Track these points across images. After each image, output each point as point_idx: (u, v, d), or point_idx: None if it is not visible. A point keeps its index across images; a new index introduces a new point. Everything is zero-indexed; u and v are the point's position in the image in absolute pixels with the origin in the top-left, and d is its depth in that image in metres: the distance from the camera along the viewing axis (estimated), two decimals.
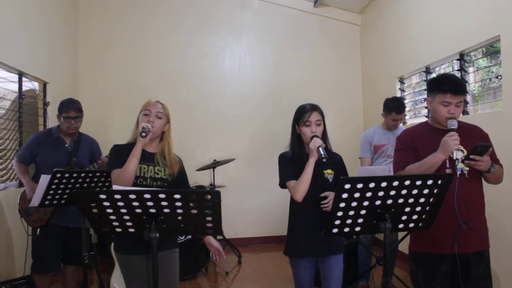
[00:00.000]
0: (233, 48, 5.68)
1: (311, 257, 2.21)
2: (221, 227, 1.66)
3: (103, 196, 1.57)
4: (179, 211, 1.60)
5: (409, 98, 4.75)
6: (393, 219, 1.66)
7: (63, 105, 3.09)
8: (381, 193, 1.60)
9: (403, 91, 4.81)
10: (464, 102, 3.54)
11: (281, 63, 5.72)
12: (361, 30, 5.81)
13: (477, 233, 2.04)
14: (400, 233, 3.50)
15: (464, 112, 3.56)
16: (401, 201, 1.64)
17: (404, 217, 1.70)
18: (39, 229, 2.97)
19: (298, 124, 2.22)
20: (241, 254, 4.81)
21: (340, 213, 1.63)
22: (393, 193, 1.61)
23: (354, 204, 1.61)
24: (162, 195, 1.55)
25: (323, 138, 2.20)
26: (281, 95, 5.57)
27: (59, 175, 2.46)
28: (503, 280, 2.99)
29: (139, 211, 1.60)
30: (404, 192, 1.61)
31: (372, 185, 1.57)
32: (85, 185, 2.58)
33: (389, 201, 1.63)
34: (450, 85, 2.04)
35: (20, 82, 3.91)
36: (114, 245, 2.24)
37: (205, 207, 1.60)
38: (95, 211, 1.61)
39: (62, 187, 2.51)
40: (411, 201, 1.65)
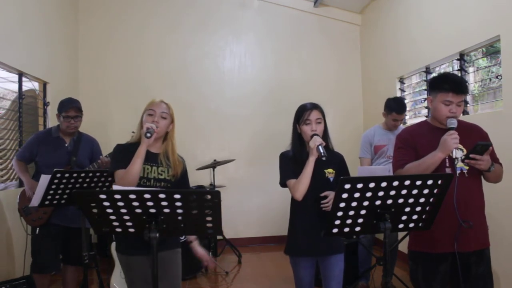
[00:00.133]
0: (233, 48, 5.69)
1: (311, 257, 2.21)
2: (221, 227, 1.66)
3: (103, 196, 1.57)
4: (179, 211, 1.60)
5: (409, 98, 4.75)
6: (393, 219, 1.66)
7: (62, 105, 3.09)
8: (381, 193, 1.60)
9: (403, 91, 4.81)
10: (464, 102, 3.54)
11: (281, 63, 5.72)
12: (361, 30, 5.81)
13: (477, 232, 2.04)
14: (400, 233, 3.50)
15: (464, 112, 3.56)
16: (401, 201, 1.64)
17: (404, 217, 1.70)
18: (38, 229, 2.96)
19: (298, 123, 2.22)
20: (241, 254, 4.81)
21: (340, 213, 1.63)
22: (393, 193, 1.61)
23: (354, 204, 1.61)
24: (162, 195, 1.55)
25: (324, 136, 2.20)
26: (281, 95, 5.57)
27: (59, 175, 2.46)
28: (503, 280, 2.99)
29: (139, 211, 1.60)
30: (404, 192, 1.61)
31: (372, 185, 1.57)
32: (85, 185, 2.58)
33: (389, 201, 1.63)
34: (452, 84, 2.04)
35: (20, 82, 3.91)
36: (115, 246, 2.23)
37: (205, 207, 1.60)
38: (95, 211, 1.61)
39: (62, 187, 2.52)
40: (411, 201, 1.65)
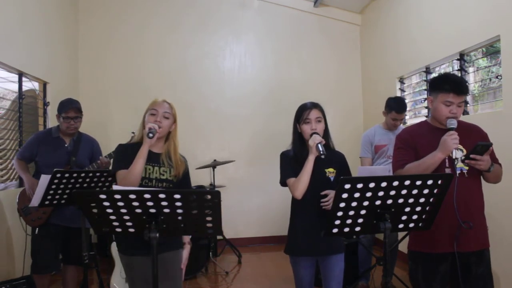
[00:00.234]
0: (233, 48, 5.69)
1: (311, 256, 2.21)
2: (221, 227, 1.66)
3: (103, 196, 1.57)
4: (179, 211, 1.60)
5: (409, 98, 4.75)
6: (393, 219, 1.66)
7: (62, 105, 3.08)
8: (381, 193, 1.60)
9: (403, 91, 4.81)
10: (464, 102, 3.55)
11: (281, 63, 5.72)
12: (361, 30, 5.81)
13: (477, 232, 2.04)
14: (400, 233, 3.50)
15: (464, 112, 3.56)
16: (401, 201, 1.64)
17: (404, 217, 1.70)
18: (38, 229, 2.96)
19: (299, 122, 2.23)
20: (241, 254, 4.81)
21: (340, 213, 1.63)
22: (393, 193, 1.61)
23: (354, 204, 1.61)
24: (162, 195, 1.55)
25: (325, 135, 2.20)
26: (281, 95, 5.57)
27: (59, 175, 2.46)
28: (503, 280, 2.99)
29: (139, 211, 1.60)
30: (404, 192, 1.61)
31: (372, 185, 1.57)
32: (85, 185, 2.58)
33: (389, 201, 1.63)
34: (453, 85, 2.03)
35: (20, 82, 3.91)
36: (117, 246, 2.23)
37: (205, 207, 1.60)
38: (95, 211, 1.61)
39: (62, 187, 2.52)
40: (411, 201, 1.64)
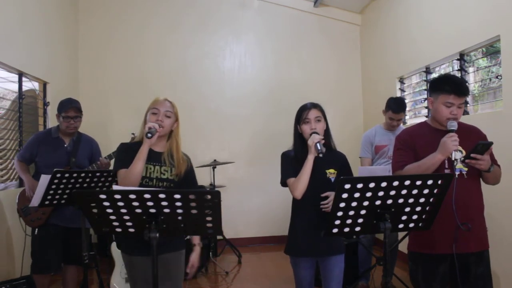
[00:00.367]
0: (233, 48, 5.69)
1: (311, 257, 2.20)
2: (221, 227, 1.66)
3: (103, 196, 1.57)
4: (179, 211, 1.60)
5: (409, 98, 4.75)
6: (393, 219, 1.66)
7: (62, 105, 3.08)
8: (381, 193, 1.60)
9: (403, 91, 4.81)
10: (464, 103, 3.55)
11: (281, 63, 5.72)
12: (361, 30, 5.81)
13: (476, 233, 2.04)
14: (400, 233, 3.50)
15: (464, 112, 3.53)
16: (401, 201, 1.64)
17: (404, 217, 1.70)
18: (37, 229, 2.96)
19: (299, 123, 2.23)
20: (241, 254, 4.81)
21: (340, 213, 1.63)
22: (393, 193, 1.61)
23: (354, 204, 1.61)
24: (162, 195, 1.55)
25: (326, 135, 2.21)
26: (281, 95, 5.57)
27: (59, 175, 2.46)
28: (503, 280, 2.99)
29: (139, 211, 1.60)
30: (404, 192, 1.61)
31: (372, 185, 1.57)
32: (85, 185, 2.58)
33: (389, 201, 1.63)
34: (454, 86, 2.03)
35: (20, 82, 3.91)
36: (120, 245, 2.22)
37: (205, 207, 1.60)
38: (95, 211, 1.61)
39: (62, 187, 2.52)
40: (411, 201, 1.65)
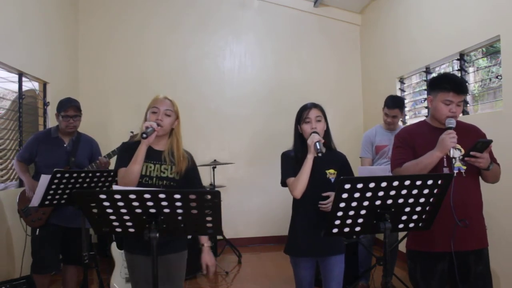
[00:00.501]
0: (233, 48, 5.68)
1: (311, 257, 2.21)
2: (221, 227, 1.66)
3: (103, 196, 1.57)
4: (179, 211, 1.60)
5: (409, 98, 4.75)
6: (393, 219, 1.66)
7: (61, 104, 3.08)
8: (381, 193, 1.60)
9: (403, 91, 4.81)
10: (464, 102, 3.55)
11: (281, 63, 5.72)
12: (361, 30, 5.81)
13: (475, 231, 2.04)
14: (400, 233, 3.50)
15: (464, 112, 3.56)
16: (401, 201, 1.64)
17: (404, 217, 1.70)
18: (38, 229, 2.97)
19: (299, 123, 2.23)
20: (241, 254, 4.81)
21: (340, 213, 1.63)
22: (393, 193, 1.61)
23: (354, 204, 1.61)
24: (162, 195, 1.55)
25: (326, 136, 2.21)
26: (281, 95, 5.57)
27: (59, 175, 2.46)
28: (503, 279, 2.99)
29: (139, 211, 1.60)
30: (404, 192, 1.61)
31: (372, 185, 1.57)
32: (85, 185, 2.58)
33: (389, 201, 1.63)
34: (453, 84, 2.04)
35: (20, 82, 3.91)
36: (122, 244, 2.23)
37: (205, 207, 1.60)
38: (95, 211, 1.61)
39: (62, 187, 2.52)
40: (411, 201, 1.64)
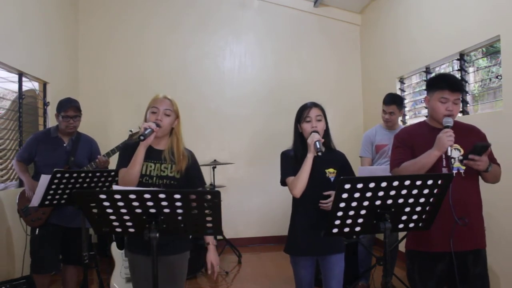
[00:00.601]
0: (233, 48, 5.68)
1: (311, 256, 2.21)
2: (221, 227, 1.66)
3: (103, 196, 1.57)
4: (179, 211, 1.60)
5: (409, 98, 4.75)
6: (393, 219, 1.66)
7: (61, 105, 3.08)
8: (381, 193, 1.60)
9: (403, 91, 4.81)
10: (464, 102, 3.55)
11: (281, 63, 5.72)
12: (361, 30, 5.81)
13: (474, 232, 2.04)
14: (400, 233, 3.50)
15: (464, 112, 3.56)
16: (401, 201, 1.64)
17: (404, 217, 1.70)
18: (38, 229, 2.96)
19: (299, 121, 2.23)
20: (241, 254, 4.81)
21: (340, 213, 1.63)
22: (393, 193, 1.61)
23: (354, 204, 1.61)
24: (162, 195, 1.55)
25: (326, 135, 2.22)
26: (281, 95, 5.57)
27: (59, 175, 2.46)
28: (503, 279, 2.99)
29: (139, 211, 1.60)
30: (404, 192, 1.61)
31: (372, 185, 1.57)
32: (85, 185, 2.58)
33: (389, 201, 1.63)
34: (447, 82, 2.07)
35: (20, 82, 3.91)
36: (123, 244, 2.23)
37: (205, 207, 1.60)
38: (95, 211, 1.61)
39: (62, 187, 2.52)
40: (411, 201, 1.64)
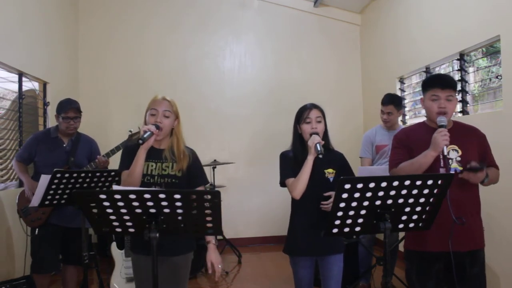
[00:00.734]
0: (233, 48, 5.68)
1: (310, 256, 2.21)
2: (221, 227, 1.66)
3: (103, 196, 1.57)
4: (179, 211, 1.60)
5: (409, 98, 4.75)
6: (393, 219, 1.66)
7: (61, 106, 3.08)
8: (381, 193, 1.60)
9: (403, 91, 4.81)
10: (464, 102, 3.55)
11: (281, 63, 5.72)
12: (361, 30, 5.81)
13: (472, 232, 2.04)
14: (400, 233, 3.50)
15: (464, 112, 3.56)
16: (401, 201, 1.64)
17: (404, 217, 1.70)
18: (37, 229, 2.96)
19: (299, 123, 2.23)
20: (241, 254, 4.81)
21: (340, 213, 1.63)
22: (393, 193, 1.61)
23: (354, 204, 1.61)
24: (162, 195, 1.55)
25: (325, 137, 2.22)
26: (281, 95, 5.57)
27: (59, 175, 2.46)
28: (503, 280, 2.99)
29: (139, 211, 1.60)
30: (404, 192, 1.61)
31: (372, 185, 1.57)
32: (85, 185, 2.58)
33: (389, 201, 1.63)
34: (437, 79, 2.14)
35: (20, 82, 3.91)
36: (125, 245, 2.23)
37: (205, 207, 1.60)
38: (95, 211, 1.61)
39: (62, 187, 2.52)
40: (411, 201, 1.65)
